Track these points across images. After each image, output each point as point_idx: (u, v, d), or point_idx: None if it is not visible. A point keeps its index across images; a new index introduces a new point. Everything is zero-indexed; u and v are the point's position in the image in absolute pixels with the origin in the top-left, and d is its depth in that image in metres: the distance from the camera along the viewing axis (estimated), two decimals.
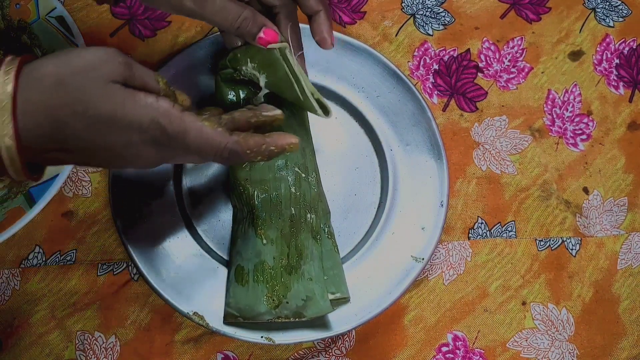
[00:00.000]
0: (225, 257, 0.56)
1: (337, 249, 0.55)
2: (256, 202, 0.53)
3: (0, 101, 0.35)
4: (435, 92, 0.63)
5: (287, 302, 0.50)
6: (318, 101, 0.48)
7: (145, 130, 0.39)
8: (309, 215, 0.54)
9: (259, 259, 0.52)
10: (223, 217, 0.57)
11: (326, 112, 0.48)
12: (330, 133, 0.60)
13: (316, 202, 0.54)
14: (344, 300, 0.53)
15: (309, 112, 0.59)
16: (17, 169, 0.37)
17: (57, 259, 0.56)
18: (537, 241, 0.59)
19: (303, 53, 0.50)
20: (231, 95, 0.53)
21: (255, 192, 0.53)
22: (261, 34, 0.45)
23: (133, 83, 0.39)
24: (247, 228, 0.54)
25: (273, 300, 0.50)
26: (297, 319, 0.51)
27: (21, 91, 0.36)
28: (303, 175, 0.54)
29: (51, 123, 0.37)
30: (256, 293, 0.51)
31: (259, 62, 0.49)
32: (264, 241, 0.52)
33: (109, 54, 0.38)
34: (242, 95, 0.53)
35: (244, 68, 0.50)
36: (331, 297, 0.52)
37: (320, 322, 0.53)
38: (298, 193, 0.54)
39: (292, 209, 0.53)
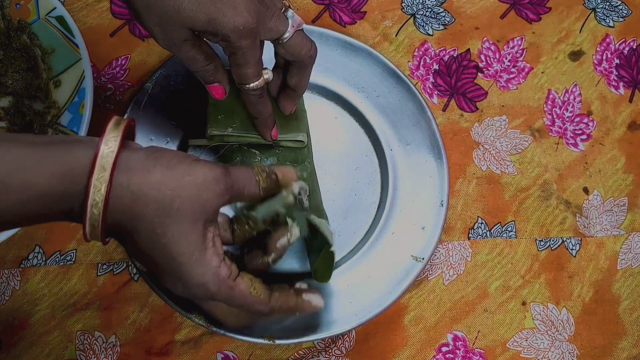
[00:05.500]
0: None
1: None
2: None
3: (96, 185, 0.36)
4: (435, 92, 0.63)
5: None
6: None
7: (190, 287, 0.41)
8: None
9: None
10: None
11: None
12: (330, 133, 0.60)
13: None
14: (326, 244, 0.50)
15: (307, 114, 0.59)
16: (96, 233, 0.38)
17: (57, 259, 0.56)
18: (537, 241, 0.59)
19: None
20: None
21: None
22: (210, 86, 0.49)
23: (232, 200, 0.42)
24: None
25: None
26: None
27: (117, 180, 0.37)
28: None
29: (130, 218, 0.38)
30: None
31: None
32: None
33: (215, 178, 0.40)
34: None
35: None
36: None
37: (319, 322, 0.53)
38: None
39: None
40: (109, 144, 0.37)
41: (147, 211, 0.38)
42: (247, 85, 0.48)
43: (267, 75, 0.49)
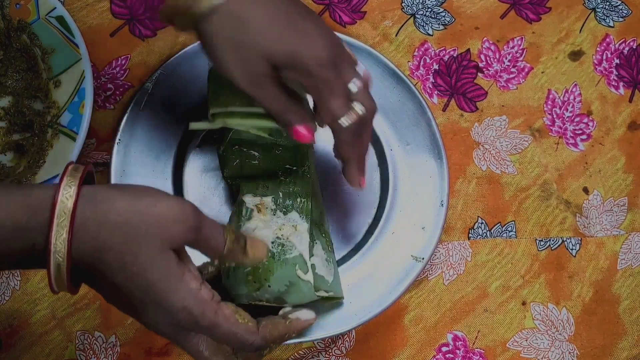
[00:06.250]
0: None
1: (332, 248, 0.55)
2: (245, 201, 0.52)
3: (59, 216, 0.35)
4: (435, 92, 0.63)
5: (270, 286, 0.48)
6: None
7: (173, 313, 0.38)
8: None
9: None
10: (224, 219, 0.57)
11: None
12: (330, 133, 0.60)
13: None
14: (336, 299, 0.52)
15: None
16: (62, 277, 0.36)
17: None
18: (537, 241, 0.59)
19: None
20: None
21: (244, 190, 0.53)
22: (297, 130, 0.47)
23: (197, 244, 0.40)
24: (234, 217, 0.53)
25: (254, 282, 0.49)
26: (277, 305, 0.49)
27: (81, 210, 0.36)
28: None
29: (95, 249, 0.36)
30: (238, 274, 0.49)
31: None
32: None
33: (184, 213, 0.38)
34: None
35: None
36: (318, 293, 0.50)
37: (319, 322, 0.53)
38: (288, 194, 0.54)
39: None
40: (70, 180, 0.36)
41: (114, 239, 0.36)
42: (340, 121, 0.44)
43: (359, 107, 0.45)
